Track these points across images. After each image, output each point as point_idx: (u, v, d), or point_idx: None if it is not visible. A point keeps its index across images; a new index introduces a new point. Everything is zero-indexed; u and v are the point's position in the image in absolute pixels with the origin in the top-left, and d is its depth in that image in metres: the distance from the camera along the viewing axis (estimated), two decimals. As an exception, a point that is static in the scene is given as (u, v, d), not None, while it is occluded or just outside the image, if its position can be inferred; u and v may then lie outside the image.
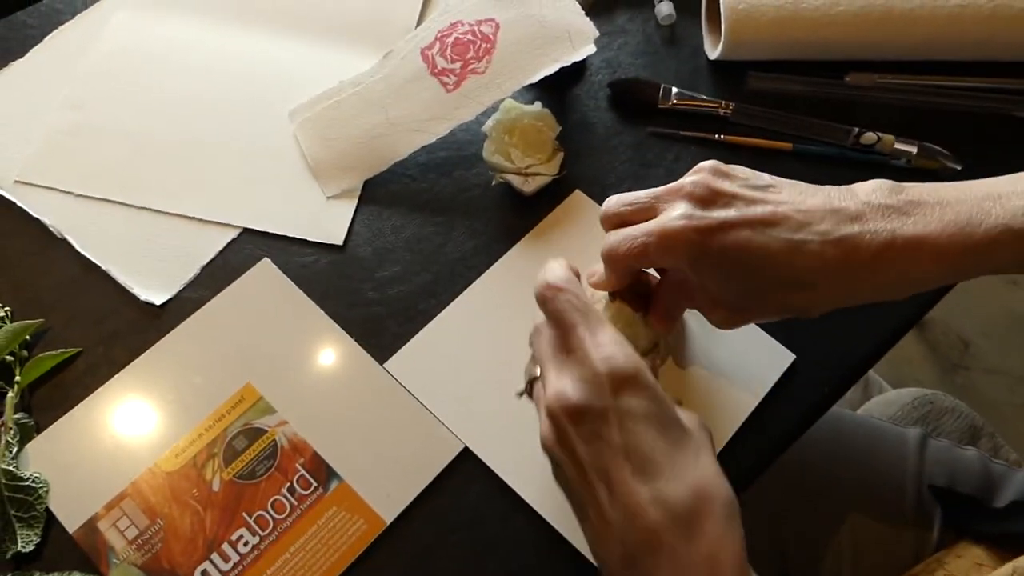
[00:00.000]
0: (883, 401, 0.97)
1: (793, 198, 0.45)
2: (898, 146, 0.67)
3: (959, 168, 0.67)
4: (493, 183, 0.65)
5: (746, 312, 0.48)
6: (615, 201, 0.50)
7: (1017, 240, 0.43)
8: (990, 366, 1.53)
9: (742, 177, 0.47)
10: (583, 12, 0.65)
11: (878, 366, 0.88)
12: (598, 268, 0.56)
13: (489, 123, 0.64)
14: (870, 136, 0.67)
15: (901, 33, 0.68)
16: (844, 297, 0.45)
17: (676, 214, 0.45)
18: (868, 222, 0.44)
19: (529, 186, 0.64)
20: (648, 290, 0.55)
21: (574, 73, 0.72)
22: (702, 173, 0.46)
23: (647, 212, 0.48)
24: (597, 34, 0.64)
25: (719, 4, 0.69)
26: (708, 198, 0.45)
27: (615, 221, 0.50)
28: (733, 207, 0.45)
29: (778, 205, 0.45)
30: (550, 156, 0.64)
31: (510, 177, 0.64)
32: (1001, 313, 1.57)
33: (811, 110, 0.70)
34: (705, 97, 0.70)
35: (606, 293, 0.56)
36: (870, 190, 0.46)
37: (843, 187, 0.47)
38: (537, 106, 0.65)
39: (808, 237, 0.44)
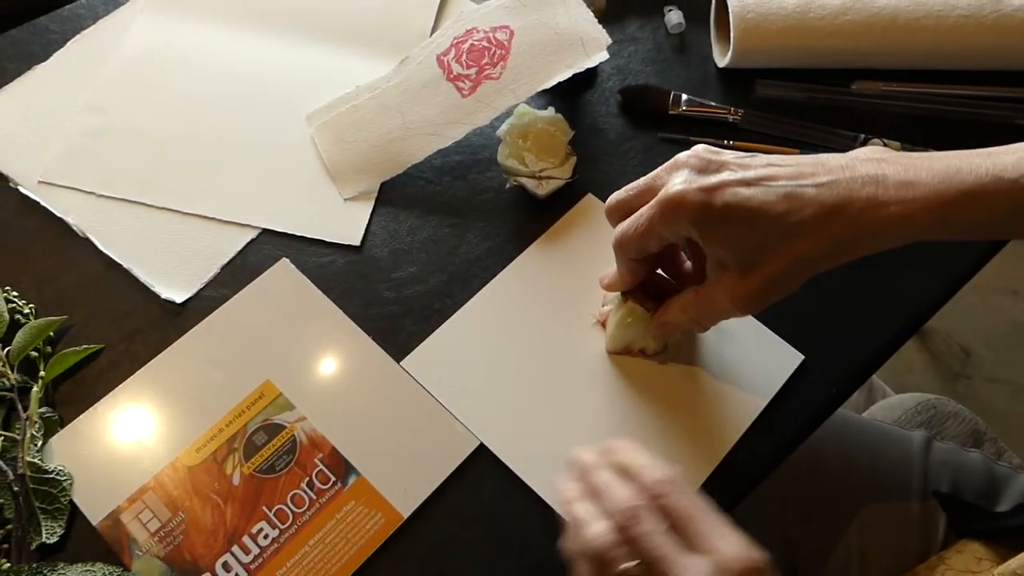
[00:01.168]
0: (886, 406, 0.98)
1: (784, 160, 0.48)
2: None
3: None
4: (507, 186, 0.66)
5: (755, 273, 0.48)
6: (616, 193, 0.53)
7: (1007, 190, 0.45)
8: (992, 375, 1.54)
9: (733, 153, 0.50)
10: (596, 20, 0.67)
11: (880, 372, 0.90)
12: (610, 270, 0.57)
13: (503, 127, 0.66)
14: (876, 143, 0.69)
15: (906, 42, 0.70)
16: (844, 244, 0.46)
17: (677, 182, 0.48)
18: (859, 169, 0.46)
19: (543, 189, 0.65)
20: (660, 291, 0.56)
21: (586, 80, 0.73)
22: (696, 148, 0.50)
23: (648, 193, 0.50)
24: (610, 41, 0.65)
25: (728, 13, 0.70)
26: (704, 167, 0.48)
27: (621, 211, 0.52)
28: (728, 170, 0.48)
29: (769, 166, 0.48)
30: (563, 160, 0.66)
31: (524, 180, 0.65)
32: (1002, 322, 1.58)
33: (818, 117, 0.71)
34: (714, 104, 0.72)
35: (619, 294, 0.57)
36: (859, 150, 0.48)
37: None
38: (550, 111, 0.66)
39: (803, 183, 0.46)
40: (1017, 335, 1.57)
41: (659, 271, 0.57)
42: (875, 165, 0.46)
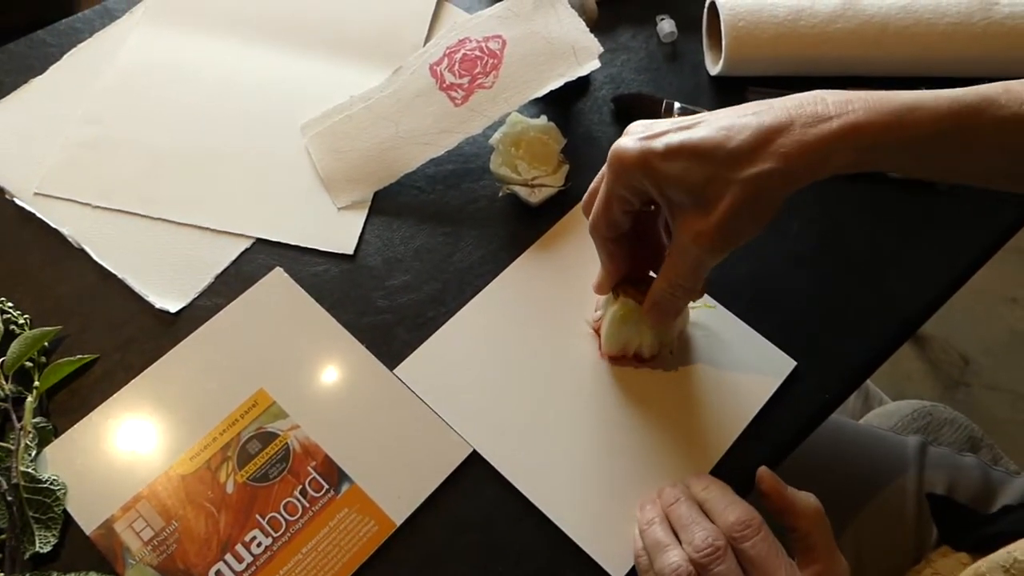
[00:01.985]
0: (883, 413, 0.98)
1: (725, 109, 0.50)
2: (895, 159, 0.69)
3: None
4: (500, 195, 0.66)
5: (713, 209, 0.48)
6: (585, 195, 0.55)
7: (943, 110, 0.46)
8: (991, 383, 1.54)
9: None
10: (587, 29, 0.67)
11: (879, 381, 0.89)
12: (598, 274, 0.58)
13: (496, 136, 0.66)
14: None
15: (897, 50, 0.70)
16: (792, 163, 0.46)
17: (622, 141, 0.50)
18: (798, 97, 0.48)
19: (535, 197, 0.66)
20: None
21: (578, 88, 0.74)
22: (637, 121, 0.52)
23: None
24: (601, 50, 0.66)
25: (720, 22, 0.71)
26: (647, 127, 0.50)
27: (589, 201, 0.55)
28: (668, 125, 0.50)
29: (708, 113, 0.50)
30: (556, 168, 0.66)
31: (517, 189, 0.65)
32: (1001, 330, 1.58)
33: (810, 124, 0.72)
34: (706, 112, 0.72)
35: (610, 294, 0.58)
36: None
37: None
38: (543, 120, 0.67)
39: (742, 114, 0.48)
40: (1016, 343, 1.57)
41: (651, 273, 0.57)
42: (815, 94, 0.48)
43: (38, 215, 0.66)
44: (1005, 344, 1.57)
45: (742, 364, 0.61)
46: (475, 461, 0.58)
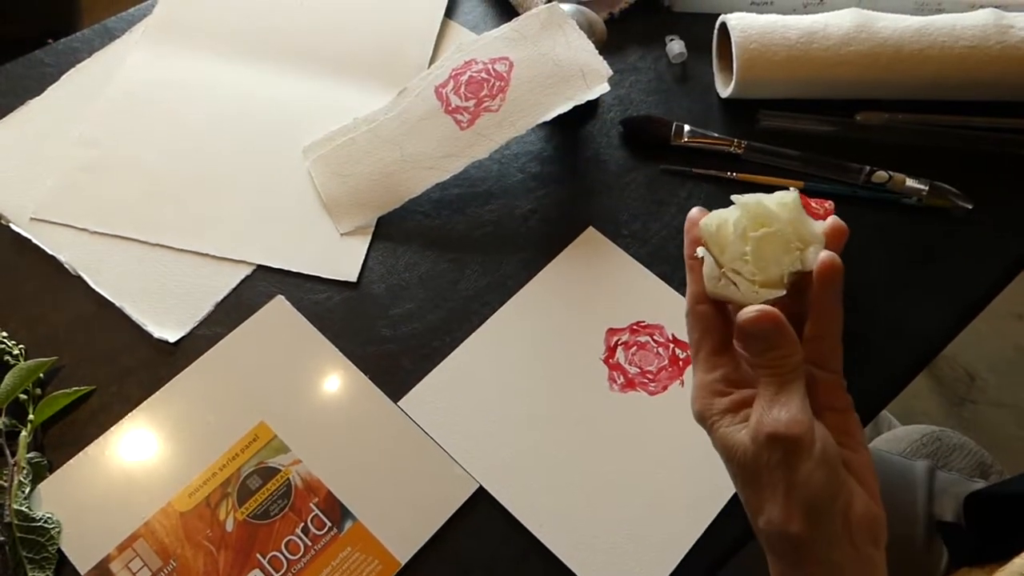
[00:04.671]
0: (892, 438, 0.97)
1: None
2: (910, 184, 0.68)
3: (970, 207, 0.68)
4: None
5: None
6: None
7: None
8: (997, 400, 1.52)
9: None
10: (596, 51, 0.66)
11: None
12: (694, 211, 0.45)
13: (712, 220, 0.42)
14: (881, 175, 0.68)
15: (911, 73, 0.69)
16: None
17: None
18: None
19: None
20: None
21: (587, 111, 0.72)
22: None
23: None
24: (611, 73, 0.64)
25: (730, 43, 0.69)
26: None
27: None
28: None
29: None
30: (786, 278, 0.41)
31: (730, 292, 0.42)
32: (1007, 347, 1.56)
33: (822, 148, 0.70)
34: (717, 135, 0.71)
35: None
36: None
37: None
38: (787, 195, 0.42)
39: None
40: (1021, 359, 1.55)
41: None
42: None
43: (34, 241, 0.64)
44: (1011, 361, 1.56)
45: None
46: (481, 497, 0.56)
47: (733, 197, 0.42)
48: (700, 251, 0.42)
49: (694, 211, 0.44)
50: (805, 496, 0.38)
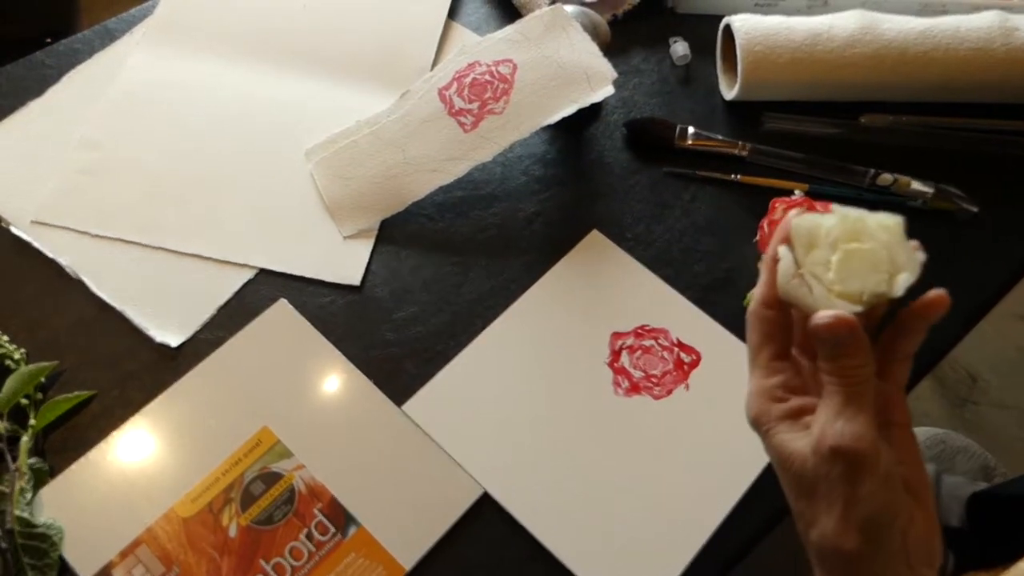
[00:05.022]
0: (896, 440, 0.96)
1: None
2: (915, 187, 0.67)
3: (975, 210, 0.67)
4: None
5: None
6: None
7: None
8: (999, 401, 1.52)
9: None
10: (600, 53, 0.65)
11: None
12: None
13: (805, 220, 0.40)
14: (886, 177, 0.68)
15: (916, 75, 0.69)
16: None
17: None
18: None
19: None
20: None
21: (591, 113, 0.72)
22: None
23: None
24: (615, 75, 0.64)
25: (735, 45, 0.69)
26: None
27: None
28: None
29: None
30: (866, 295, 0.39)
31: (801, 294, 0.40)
32: (1009, 348, 1.56)
33: (826, 151, 0.70)
34: (721, 137, 0.70)
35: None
36: None
37: None
38: (889, 219, 0.40)
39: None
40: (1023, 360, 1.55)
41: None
42: None
43: (35, 244, 0.64)
44: (1013, 362, 1.55)
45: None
46: (486, 501, 0.56)
47: (833, 207, 0.40)
48: (782, 250, 0.40)
49: (791, 212, 0.42)
50: (864, 513, 0.37)
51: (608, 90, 0.65)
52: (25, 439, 0.55)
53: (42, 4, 1.54)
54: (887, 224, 0.39)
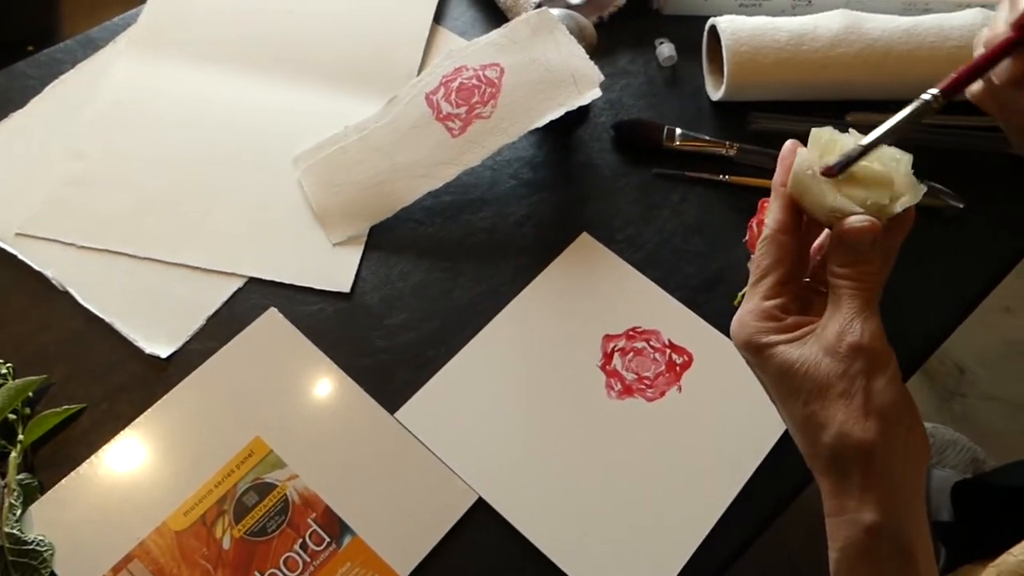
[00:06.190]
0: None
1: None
2: (902, 184, 0.68)
3: (961, 207, 0.68)
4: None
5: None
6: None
7: None
8: (987, 393, 1.53)
9: None
10: (587, 56, 0.65)
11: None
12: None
13: (826, 131, 0.43)
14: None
15: (900, 74, 0.69)
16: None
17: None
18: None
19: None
20: None
21: (578, 116, 0.72)
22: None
23: None
24: (602, 78, 0.64)
25: (720, 46, 0.69)
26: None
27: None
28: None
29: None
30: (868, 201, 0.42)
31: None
32: (996, 340, 1.57)
33: (814, 149, 0.70)
34: (708, 138, 0.70)
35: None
36: None
37: None
38: (901, 155, 0.43)
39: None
40: (1011, 353, 1.56)
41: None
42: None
43: (20, 257, 0.63)
44: (1000, 354, 1.56)
45: (753, 401, 0.59)
46: (480, 507, 0.56)
47: (852, 130, 0.43)
48: (800, 148, 0.43)
49: (790, 142, 0.44)
50: (881, 402, 0.39)
51: (595, 92, 0.65)
52: (14, 455, 0.55)
53: (23, 11, 1.53)
54: (897, 158, 0.43)
